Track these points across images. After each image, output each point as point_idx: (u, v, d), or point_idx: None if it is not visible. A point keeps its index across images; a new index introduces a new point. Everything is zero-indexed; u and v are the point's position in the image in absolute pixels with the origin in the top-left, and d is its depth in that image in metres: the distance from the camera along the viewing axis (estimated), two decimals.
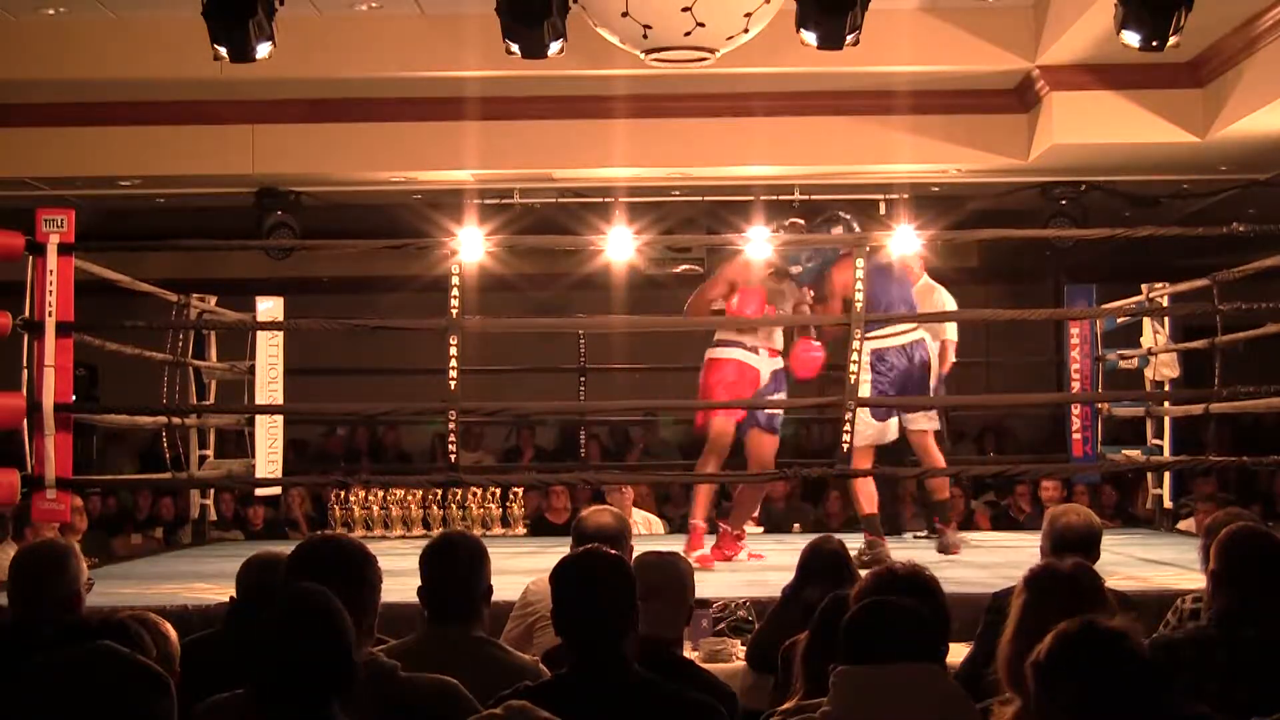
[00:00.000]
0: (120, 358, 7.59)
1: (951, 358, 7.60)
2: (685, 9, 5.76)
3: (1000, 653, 2.72)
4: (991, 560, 6.83)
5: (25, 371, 6.36)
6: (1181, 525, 8.42)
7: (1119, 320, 8.85)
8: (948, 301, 7.62)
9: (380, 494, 8.49)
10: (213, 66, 6.28)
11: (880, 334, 6.81)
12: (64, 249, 6.28)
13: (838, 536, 4.52)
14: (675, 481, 9.82)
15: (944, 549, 6.98)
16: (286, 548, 3.28)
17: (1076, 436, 8.83)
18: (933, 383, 7.19)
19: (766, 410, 6.92)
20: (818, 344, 6.98)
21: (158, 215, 10.78)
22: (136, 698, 2.00)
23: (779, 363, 6.97)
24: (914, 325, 6.97)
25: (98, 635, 2.39)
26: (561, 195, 9.98)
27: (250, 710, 2.38)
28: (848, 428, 6.52)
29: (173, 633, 3.06)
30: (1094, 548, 4.02)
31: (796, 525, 9.07)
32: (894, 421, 6.95)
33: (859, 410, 6.61)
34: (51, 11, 8.26)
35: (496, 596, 3.35)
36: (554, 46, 5.99)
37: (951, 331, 7.61)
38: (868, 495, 6.85)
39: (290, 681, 2.35)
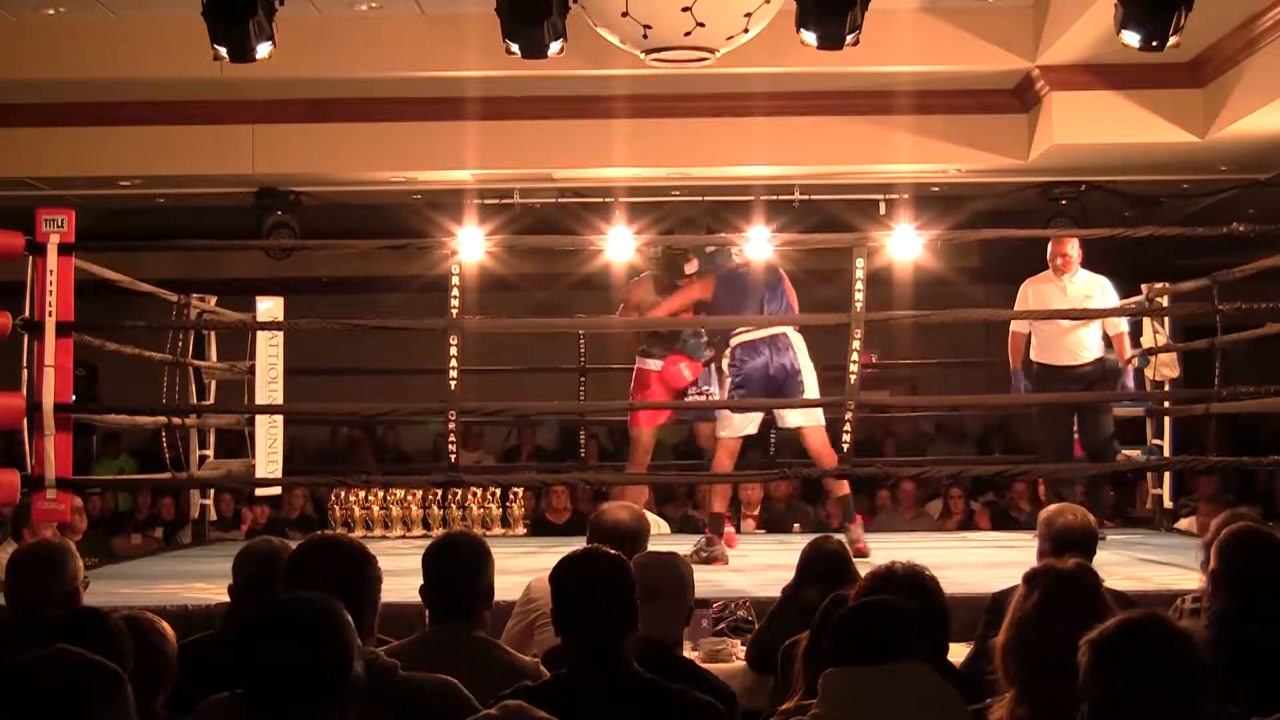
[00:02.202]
0: (120, 358, 7.58)
1: (1128, 348, 7.74)
2: (685, 9, 5.75)
3: (996, 646, 2.72)
4: (991, 560, 6.82)
5: (25, 371, 6.36)
6: (1181, 524, 8.40)
7: None
8: (1110, 293, 7.65)
9: (380, 494, 8.48)
10: (213, 66, 6.27)
11: (739, 331, 6.87)
12: (64, 249, 6.28)
13: (837, 536, 4.52)
14: (675, 481, 9.82)
15: (853, 542, 6.16)
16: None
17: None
18: (1128, 382, 7.52)
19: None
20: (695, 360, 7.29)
21: (158, 215, 10.78)
22: (89, 701, 2.02)
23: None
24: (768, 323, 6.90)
25: (70, 630, 2.39)
26: (561, 195, 9.98)
27: (243, 711, 2.37)
28: (848, 428, 6.51)
29: (171, 632, 3.06)
30: (1091, 547, 4.04)
31: (796, 525, 9.05)
32: (753, 416, 6.87)
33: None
34: (52, 11, 8.26)
35: (496, 596, 3.35)
36: (554, 46, 5.99)
37: (1123, 324, 7.70)
38: (721, 494, 6.91)
39: (277, 685, 2.32)
